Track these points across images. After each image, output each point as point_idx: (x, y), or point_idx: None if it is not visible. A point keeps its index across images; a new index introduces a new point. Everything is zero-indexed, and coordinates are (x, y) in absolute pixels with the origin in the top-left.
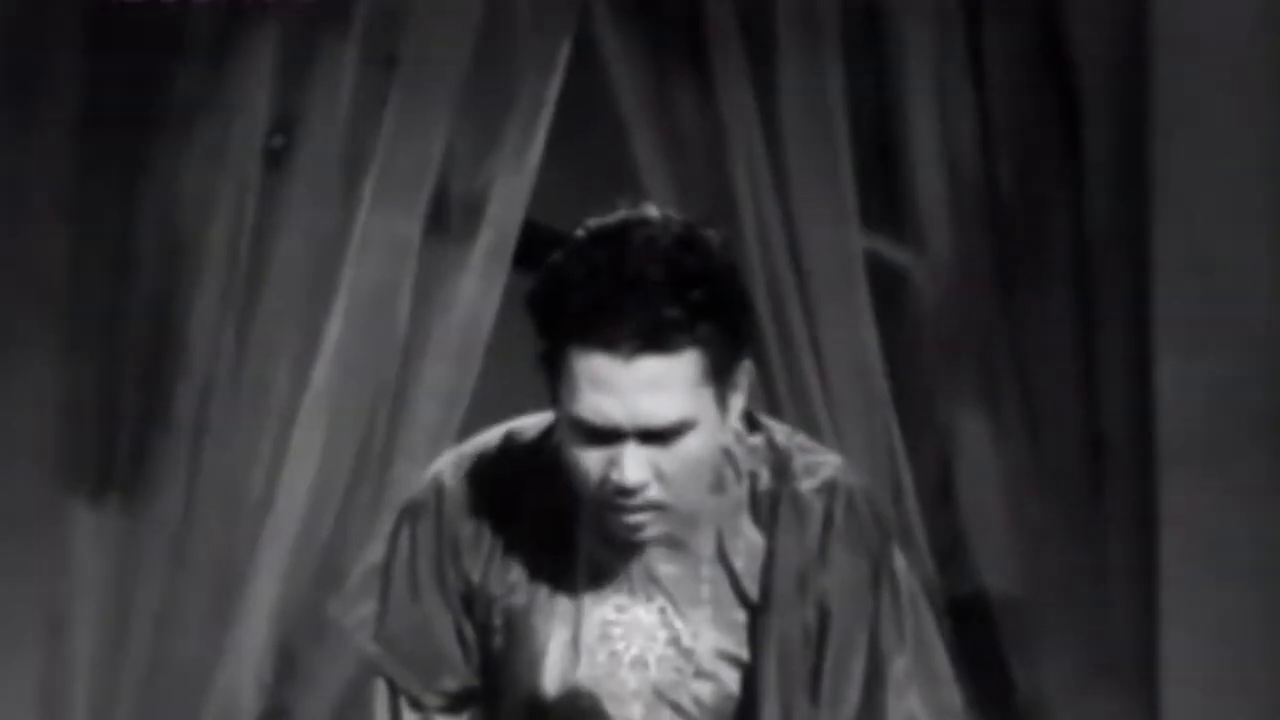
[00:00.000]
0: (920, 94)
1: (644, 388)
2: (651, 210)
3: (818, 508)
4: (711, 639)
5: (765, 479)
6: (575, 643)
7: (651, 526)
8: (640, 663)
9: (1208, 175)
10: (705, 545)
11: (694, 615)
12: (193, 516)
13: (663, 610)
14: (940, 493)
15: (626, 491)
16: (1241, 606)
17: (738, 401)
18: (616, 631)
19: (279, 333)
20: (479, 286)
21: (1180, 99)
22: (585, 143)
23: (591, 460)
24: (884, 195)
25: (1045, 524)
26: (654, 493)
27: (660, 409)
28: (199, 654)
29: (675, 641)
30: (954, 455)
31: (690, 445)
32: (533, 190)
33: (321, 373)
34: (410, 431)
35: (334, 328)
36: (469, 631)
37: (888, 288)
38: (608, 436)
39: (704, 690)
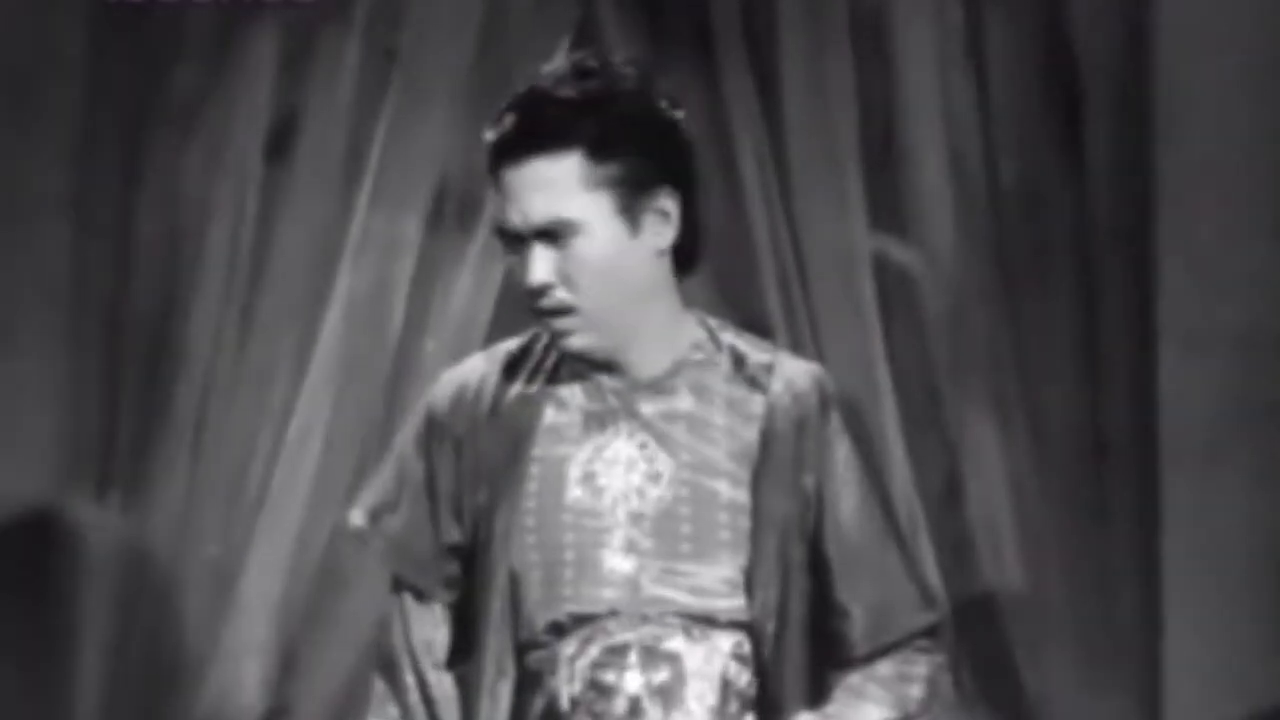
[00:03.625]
0: (924, 93)
1: (529, 187)
2: (604, 57)
3: (814, 389)
4: (689, 475)
5: (747, 350)
6: (559, 486)
7: (577, 335)
8: (623, 497)
9: (1210, 175)
10: (683, 389)
11: (677, 458)
12: (194, 512)
13: (643, 446)
14: (945, 492)
15: (535, 292)
16: (1243, 605)
17: (659, 229)
18: (599, 467)
19: (278, 329)
20: (477, 282)
21: (1182, 99)
22: None
23: (517, 270)
24: (888, 195)
25: (1049, 523)
26: (561, 294)
27: (540, 205)
28: (199, 649)
29: (655, 476)
30: (958, 455)
31: (583, 248)
32: None
33: (320, 368)
34: None
35: (333, 324)
36: (450, 514)
37: (892, 287)
38: (515, 240)
39: (682, 522)
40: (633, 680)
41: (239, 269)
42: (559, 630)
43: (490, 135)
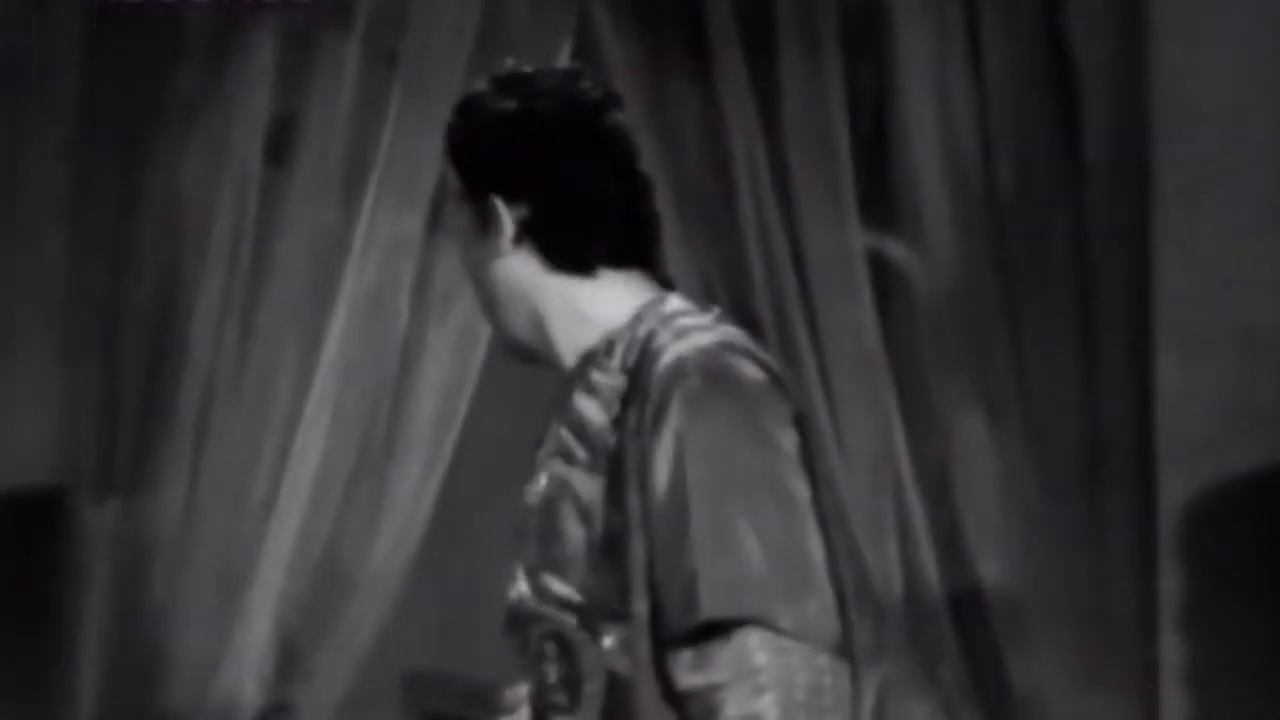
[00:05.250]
0: (920, 93)
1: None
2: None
3: (664, 373)
4: (560, 470)
5: (661, 335)
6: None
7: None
8: (536, 493)
9: (1208, 174)
10: (579, 386)
11: (558, 448)
12: (195, 516)
13: (540, 456)
14: (940, 489)
15: None
16: (1240, 605)
17: (503, 233)
18: (541, 464)
19: (281, 331)
20: None
21: (1181, 98)
22: None
23: None
24: (884, 194)
25: (1044, 522)
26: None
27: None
28: (202, 652)
29: (551, 475)
30: (954, 452)
31: (460, 256)
32: None
33: (323, 371)
34: (412, 429)
35: (336, 326)
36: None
37: (888, 285)
38: None
39: (544, 517)
40: (551, 674)
41: (240, 270)
42: (514, 624)
43: None
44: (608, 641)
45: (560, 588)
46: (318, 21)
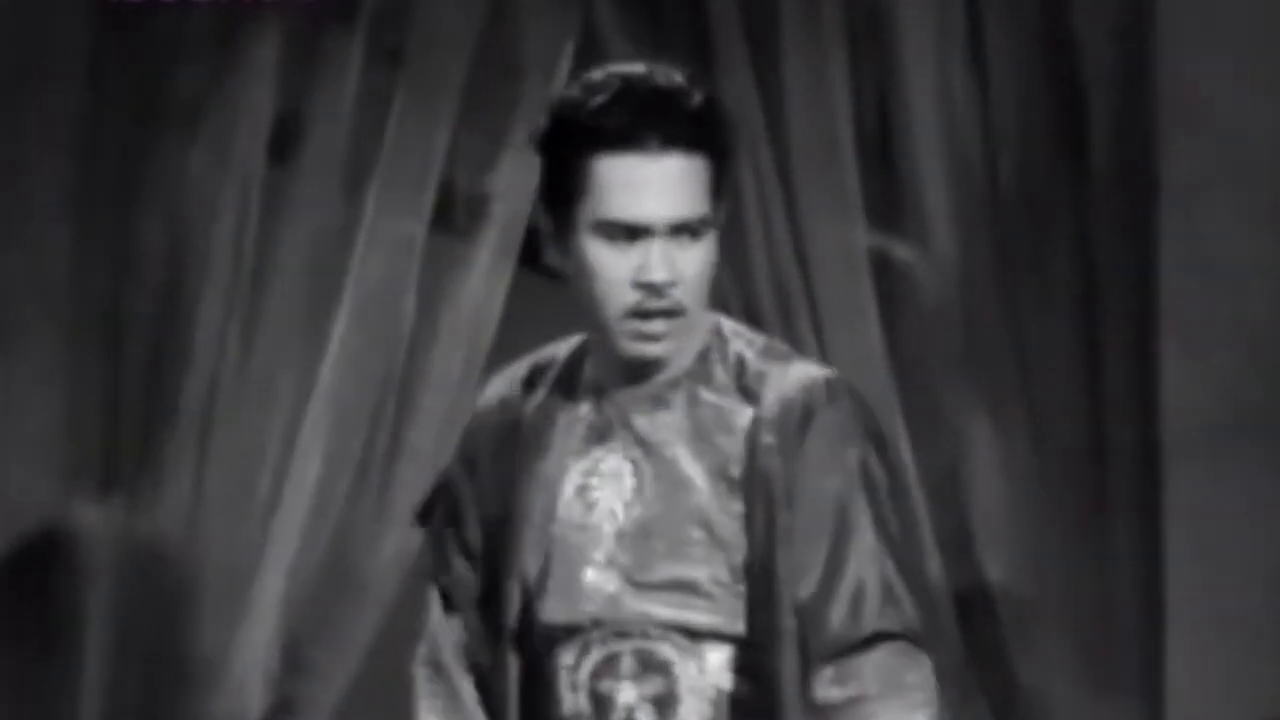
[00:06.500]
0: (924, 92)
1: (673, 182)
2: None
3: (801, 396)
4: (670, 490)
5: (753, 359)
6: (554, 497)
7: (667, 339)
8: (610, 513)
9: (1212, 173)
10: (679, 402)
11: (663, 476)
12: (199, 513)
13: (634, 461)
14: (945, 489)
15: (655, 290)
16: (1245, 603)
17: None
18: (594, 481)
19: (285, 330)
20: (484, 283)
21: (1185, 98)
22: None
23: (620, 266)
24: (888, 193)
25: (1049, 521)
26: (678, 293)
27: (688, 202)
28: (206, 651)
29: (640, 491)
30: (959, 452)
31: (705, 249)
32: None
33: (327, 370)
34: (416, 428)
35: (339, 325)
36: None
37: (892, 285)
38: (636, 234)
39: (659, 539)
40: (627, 692)
41: (243, 269)
42: (552, 640)
43: (602, 121)
44: (714, 659)
45: (664, 608)
46: (320, 20)
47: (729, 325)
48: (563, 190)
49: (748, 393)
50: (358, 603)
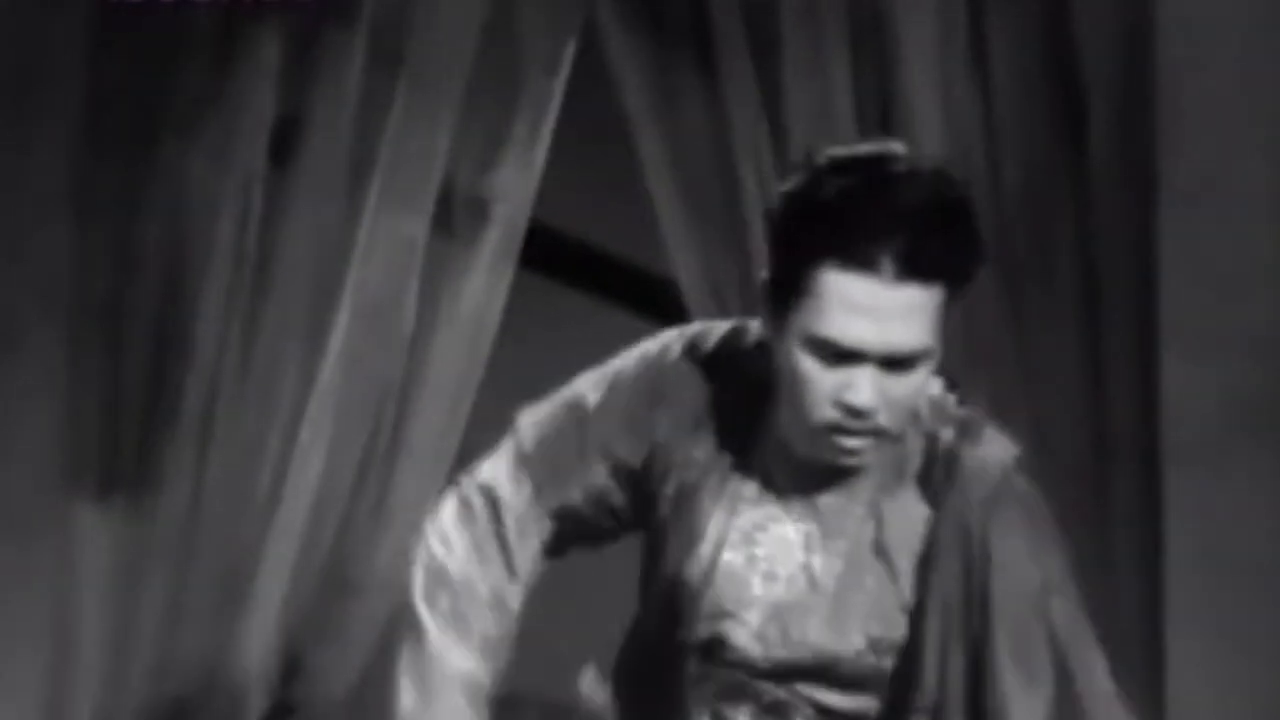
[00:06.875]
0: (924, 93)
1: (900, 314)
2: (895, 145)
3: (995, 474)
4: (839, 583)
5: (947, 437)
6: (723, 535)
7: (865, 453)
8: (771, 576)
9: (1214, 176)
10: (863, 490)
11: (832, 552)
12: (199, 515)
13: (808, 535)
14: None
15: (858, 414)
16: (1247, 606)
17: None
18: (761, 537)
19: (285, 332)
20: (485, 285)
21: (1186, 100)
22: (591, 141)
23: (826, 381)
24: None
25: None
26: (881, 418)
27: (911, 336)
28: (205, 652)
29: (808, 568)
30: None
31: (919, 377)
32: (538, 189)
33: (328, 372)
34: (416, 430)
35: (340, 327)
36: (617, 497)
37: None
38: (849, 358)
39: (816, 626)
40: None
41: (244, 270)
42: (685, 651)
43: (835, 231)
44: None
45: (803, 684)
46: (321, 21)
47: (930, 404)
48: (781, 288)
49: (934, 471)
50: (358, 603)
